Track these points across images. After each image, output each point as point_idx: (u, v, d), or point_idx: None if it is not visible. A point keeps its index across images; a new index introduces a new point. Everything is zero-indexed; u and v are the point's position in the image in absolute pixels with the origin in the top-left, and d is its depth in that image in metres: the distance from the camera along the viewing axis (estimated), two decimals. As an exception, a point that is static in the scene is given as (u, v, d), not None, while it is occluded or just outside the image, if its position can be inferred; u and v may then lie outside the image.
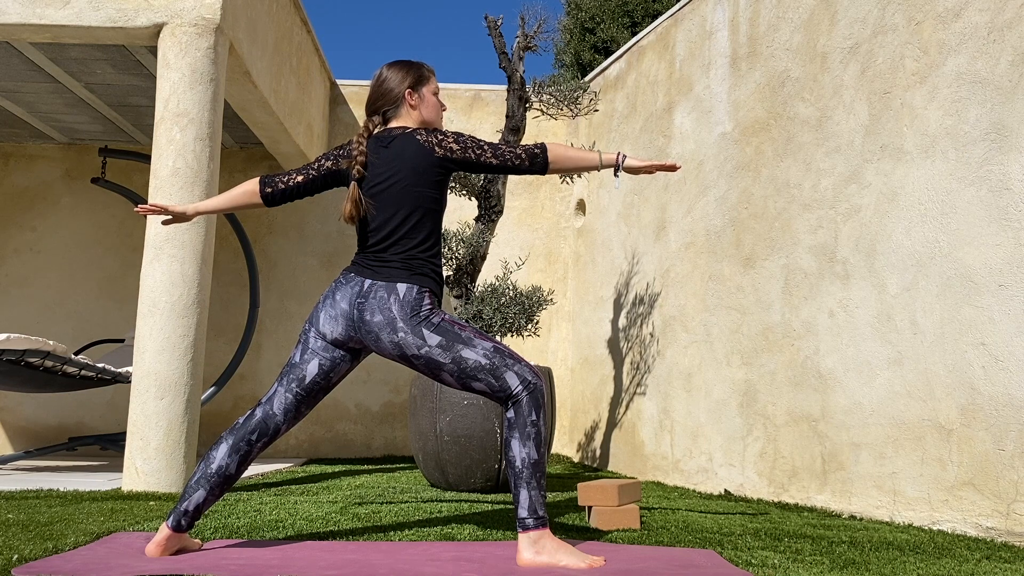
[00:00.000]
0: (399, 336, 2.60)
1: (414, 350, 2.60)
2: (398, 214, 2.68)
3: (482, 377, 2.59)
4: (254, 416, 2.70)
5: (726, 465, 5.08)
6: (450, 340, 2.60)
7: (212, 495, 2.65)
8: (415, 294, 2.63)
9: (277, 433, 2.72)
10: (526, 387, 2.58)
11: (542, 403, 2.60)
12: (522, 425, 2.56)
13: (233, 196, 2.82)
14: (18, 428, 7.41)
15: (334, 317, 2.67)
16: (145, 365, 4.33)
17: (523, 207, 7.96)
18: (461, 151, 2.72)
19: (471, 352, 2.59)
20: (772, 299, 4.80)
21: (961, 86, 3.72)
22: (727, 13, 5.49)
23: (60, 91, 6.25)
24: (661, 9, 11.22)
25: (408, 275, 2.65)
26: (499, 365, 2.59)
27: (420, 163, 2.70)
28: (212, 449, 2.68)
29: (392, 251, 2.67)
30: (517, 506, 2.55)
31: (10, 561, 2.36)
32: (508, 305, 5.06)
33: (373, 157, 2.74)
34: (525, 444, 2.55)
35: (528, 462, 2.54)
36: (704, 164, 5.57)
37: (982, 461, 3.47)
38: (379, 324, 2.61)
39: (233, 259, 7.63)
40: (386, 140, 2.75)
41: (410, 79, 2.83)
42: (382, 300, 2.62)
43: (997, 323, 3.45)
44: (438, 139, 2.72)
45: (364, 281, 2.66)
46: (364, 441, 7.67)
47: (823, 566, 2.58)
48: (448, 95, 8.01)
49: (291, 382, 2.70)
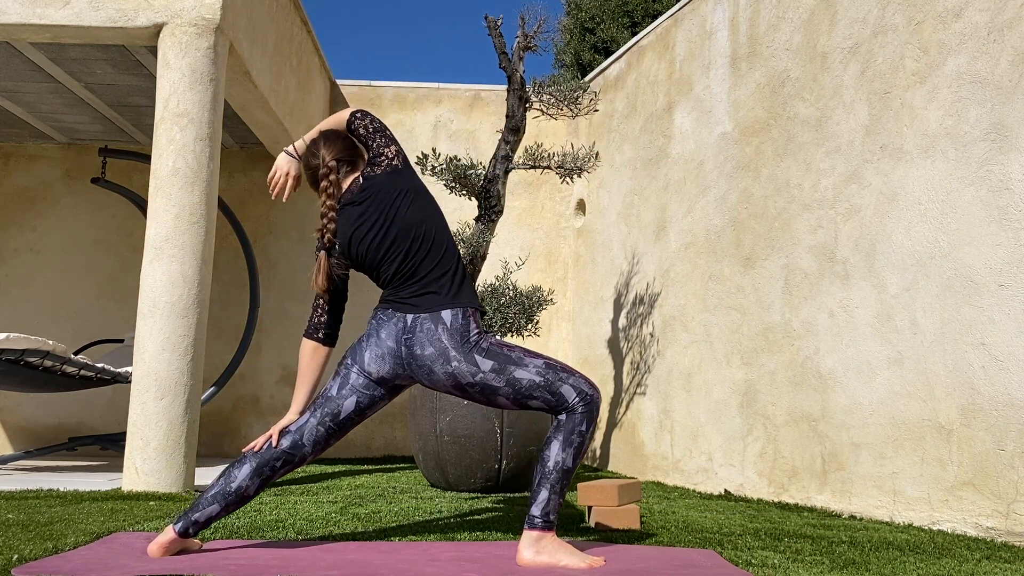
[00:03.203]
0: (453, 366, 2.59)
1: (469, 378, 2.59)
2: (413, 244, 2.66)
3: (538, 395, 2.59)
4: (282, 444, 2.68)
5: (726, 465, 5.08)
6: (502, 363, 2.59)
7: (225, 511, 2.65)
8: (461, 319, 2.61)
9: (303, 461, 2.71)
10: (583, 399, 2.58)
11: (596, 417, 2.61)
12: (569, 432, 2.57)
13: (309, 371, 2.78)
14: (18, 428, 7.41)
15: (380, 356, 2.65)
16: (145, 365, 4.33)
17: (523, 207, 7.96)
18: (392, 145, 2.75)
19: (524, 372, 2.58)
20: (772, 299, 4.80)
21: (961, 86, 3.72)
22: (727, 13, 5.49)
23: (60, 91, 6.25)
24: (661, 9, 11.22)
25: (449, 300, 2.63)
26: (553, 380, 2.58)
27: (399, 183, 2.70)
28: (235, 468, 2.66)
29: (419, 279, 2.65)
30: (533, 503, 2.55)
31: (10, 561, 2.36)
32: (508, 305, 5.06)
33: (351, 219, 2.70)
34: (565, 450, 2.56)
35: (561, 467, 2.55)
36: (704, 164, 5.57)
37: (982, 461, 3.47)
38: (431, 356, 2.60)
39: (233, 259, 7.63)
40: (356, 199, 2.72)
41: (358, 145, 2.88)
42: (430, 332, 2.60)
43: (997, 323, 3.45)
44: (381, 162, 2.73)
45: (407, 316, 2.63)
46: (364, 441, 7.67)
47: (823, 566, 2.58)
48: (448, 95, 8.02)
49: (325, 416, 2.68)
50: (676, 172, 5.91)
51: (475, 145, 7.94)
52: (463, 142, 7.95)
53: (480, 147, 7.90)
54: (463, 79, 17.22)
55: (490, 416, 4.56)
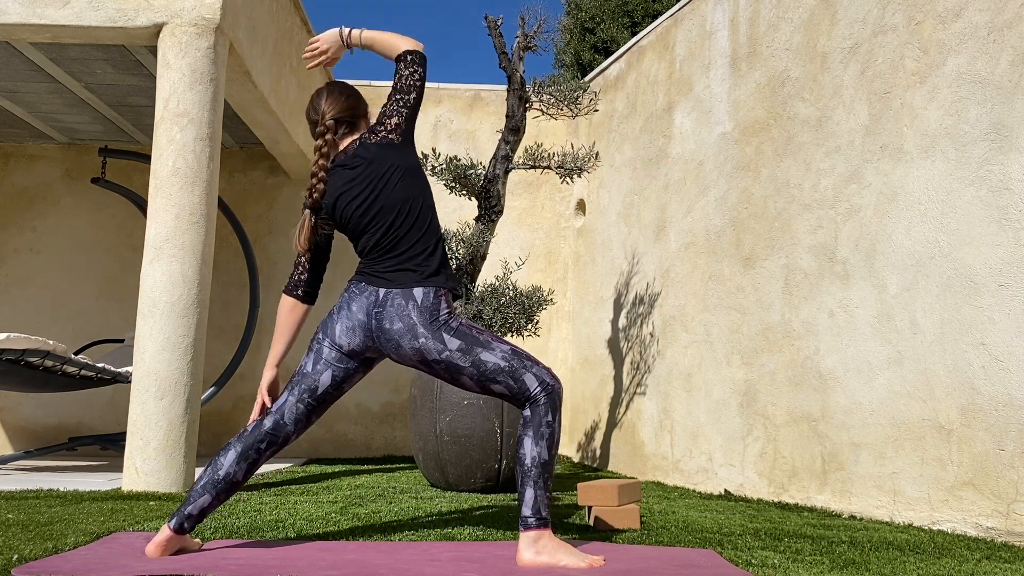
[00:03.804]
0: (420, 342, 2.61)
1: (435, 355, 2.61)
2: (397, 217, 2.68)
3: (501, 379, 2.60)
4: (263, 425, 2.69)
5: (726, 465, 5.08)
6: (469, 344, 2.61)
7: (217, 500, 2.65)
8: (432, 298, 2.63)
9: (286, 442, 2.72)
10: (544, 388, 2.60)
11: (559, 406, 2.62)
12: (537, 424, 2.58)
13: (286, 327, 2.80)
14: (18, 428, 7.41)
15: (351, 328, 2.67)
16: (145, 365, 4.33)
17: (523, 207, 7.96)
18: (398, 114, 2.75)
19: (490, 355, 2.60)
20: (772, 299, 4.80)
21: (961, 86, 3.72)
22: (727, 13, 5.49)
23: (60, 91, 6.25)
24: (661, 9, 11.22)
25: (422, 278, 2.65)
26: (518, 367, 2.60)
27: (392, 157, 2.72)
28: (219, 455, 2.68)
29: (397, 254, 2.67)
30: (522, 504, 2.56)
31: (10, 561, 2.36)
32: (508, 305, 5.06)
33: (341, 181, 2.72)
34: (537, 443, 2.57)
35: (538, 461, 2.56)
36: (704, 164, 5.57)
37: (982, 461, 3.47)
38: (399, 331, 2.62)
39: (233, 259, 7.63)
40: (350, 162, 2.74)
41: (362, 99, 2.89)
42: (400, 307, 2.62)
43: (997, 323, 3.45)
44: (380, 130, 2.75)
45: (379, 290, 2.66)
46: (364, 441, 7.67)
47: (823, 566, 2.59)
48: (448, 95, 8.02)
49: (303, 392, 2.70)
50: (676, 172, 5.91)
51: (475, 145, 7.94)
52: (463, 142, 7.96)
53: (480, 147, 7.89)
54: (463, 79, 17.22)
55: (490, 416, 4.56)
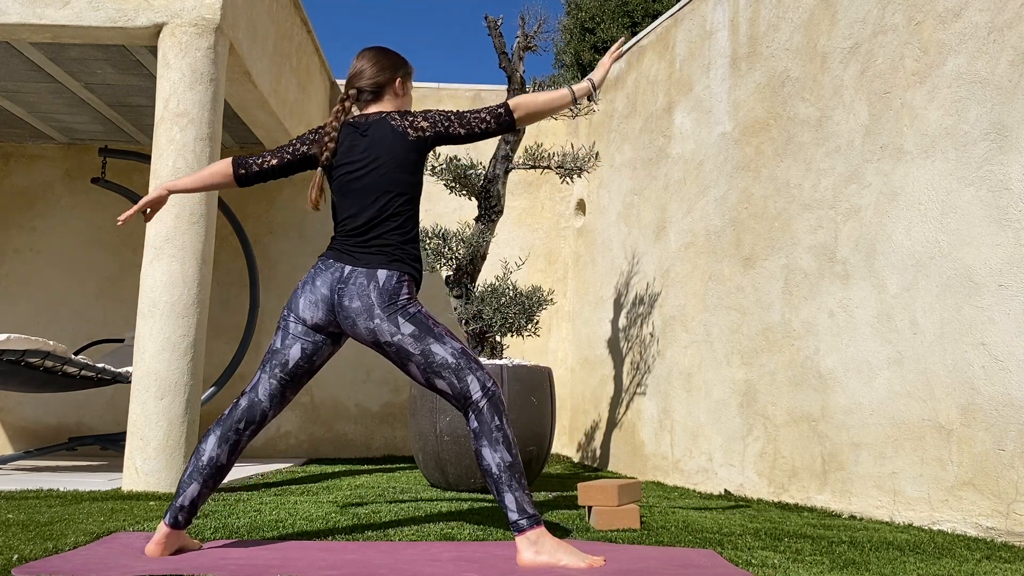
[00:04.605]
0: (375, 323, 2.63)
1: (387, 336, 2.62)
2: (377, 200, 2.70)
3: (446, 375, 2.61)
4: (239, 405, 2.71)
5: (726, 465, 5.08)
6: (422, 332, 2.63)
7: (206, 488, 2.65)
8: (394, 282, 2.65)
9: (264, 420, 2.73)
10: (486, 394, 2.60)
11: (503, 408, 2.61)
12: (488, 432, 2.58)
13: (206, 175, 2.83)
14: (18, 428, 7.41)
15: (314, 302, 2.69)
16: (145, 365, 4.33)
17: (523, 207, 7.96)
18: (431, 127, 2.75)
19: (440, 348, 2.62)
20: (772, 299, 4.80)
21: (961, 86, 3.72)
22: (727, 13, 5.49)
23: (60, 91, 6.25)
24: (661, 9, 11.22)
25: (388, 261, 2.67)
26: (464, 367, 2.61)
27: (397, 148, 2.73)
28: (201, 442, 2.69)
29: (371, 236, 2.70)
30: (507, 512, 2.55)
31: (10, 561, 2.36)
32: (508, 305, 5.06)
33: (349, 143, 2.76)
34: (496, 449, 2.56)
35: (504, 466, 2.55)
36: (704, 164, 5.57)
37: (982, 461, 3.47)
38: (356, 310, 2.64)
39: (233, 259, 7.63)
40: (362, 127, 2.77)
41: (403, 69, 2.89)
42: (361, 286, 2.64)
43: (997, 323, 3.45)
44: (410, 120, 2.75)
45: (344, 267, 2.68)
46: (364, 441, 7.67)
47: (823, 566, 2.59)
48: (448, 95, 8.01)
49: (275, 367, 2.71)
50: (676, 172, 5.91)
51: (475, 145, 7.94)
52: (463, 142, 7.94)
53: (480, 147, 7.89)
54: (463, 79, 17.21)
55: (490, 416, 4.56)
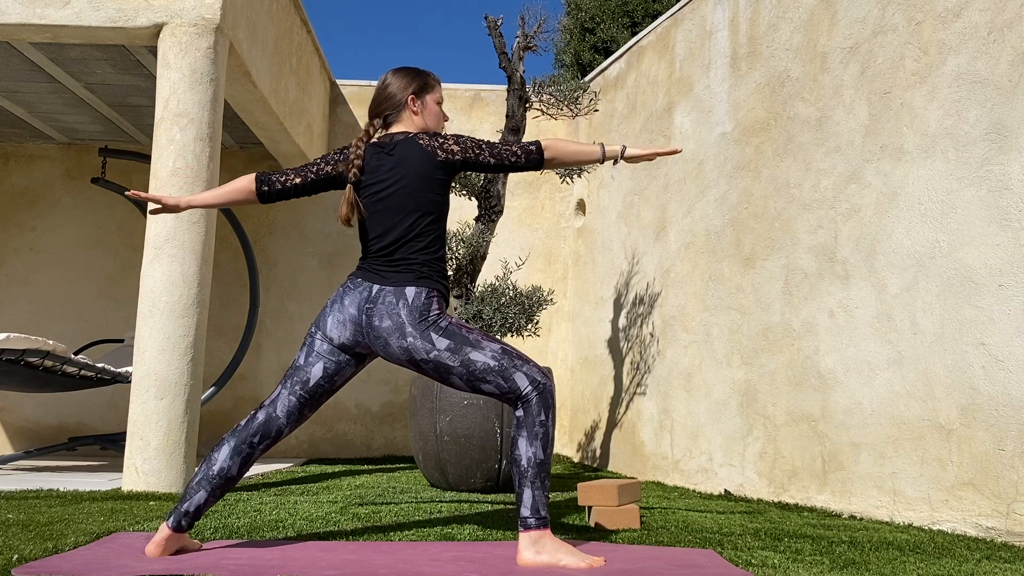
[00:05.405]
0: (408, 341, 2.61)
1: (423, 354, 2.61)
2: (404, 219, 2.69)
3: (491, 379, 2.60)
4: (256, 419, 2.70)
5: (726, 465, 5.08)
6: (458, 343, 2.61)
7: (213, 496, 2.65)
8: (423, 299, 2.64)
9: (280, 435, 2.72)
10: (536, 387, 2.60)
11: (551, 404, 2.61)
12: (531, 424, 2.58)
13: (227, 192, 2.81)
14: (18, 428, 7.41)
15: (342, 322, 2.68)
16: (145, 365, 4.33)
17: (523, 207, 7.96)
18: (461, 152, 2.75)
19: (479, 354, 2.60)
20: (772, 299, 4.80)
21: (961, 86, 3.72)
22: (727, 13, 5.49)
23: (60, 91, 6.25)
24: (661, 9, 11.22)
25: (415, 279, 2.66)
26: (508, 366, 2.60)
27: (423, 168, 2.72)
28: (214, 451, 2.69)
29: (398, 255, 2.68)
30: (520, 505, 2.55)
31: (10, 561, 2.36)
32: (508, 305, 5.06)
33: (374, 163, 2.75)
34: (532, 443, 2.56)
35: (534, 461, 2.55)
36: (704, 164, 5.57)
37: (982, 461, 3.47)
38: (388, 329, 2.63)
39: (233, 259, 7.63)
40: (388, 146, 2.76)
41: (414, 86, 2.85)
42: (391, 305, 2.63)
43: (997, 323, 3.45)
44: (439, 142, 2.75)
45: (372, 287, 2.67)
46: (364, 441, 7.67)
47: (823, 566, 2.59)
48: (448, 95, 8.01)
49: (295, 385, 2.70)
50: (676, 172, 5.91)
51: (475, 145, 7.93)
52: (463, 142, 7.94)
53: (480, 147, 7.88)
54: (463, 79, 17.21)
55: (490, 416, 4.56)
